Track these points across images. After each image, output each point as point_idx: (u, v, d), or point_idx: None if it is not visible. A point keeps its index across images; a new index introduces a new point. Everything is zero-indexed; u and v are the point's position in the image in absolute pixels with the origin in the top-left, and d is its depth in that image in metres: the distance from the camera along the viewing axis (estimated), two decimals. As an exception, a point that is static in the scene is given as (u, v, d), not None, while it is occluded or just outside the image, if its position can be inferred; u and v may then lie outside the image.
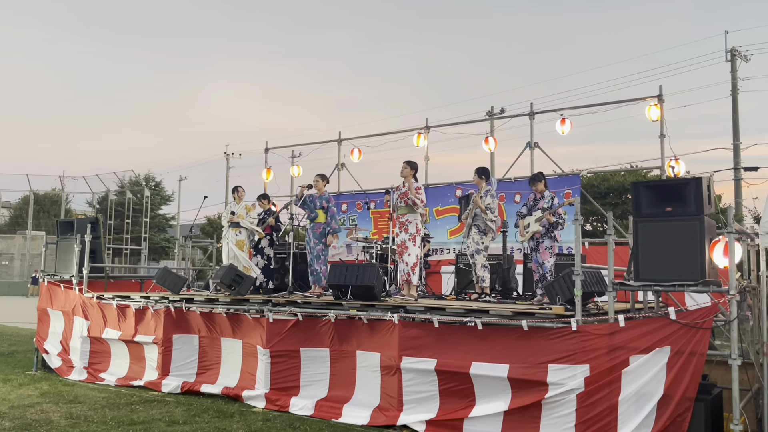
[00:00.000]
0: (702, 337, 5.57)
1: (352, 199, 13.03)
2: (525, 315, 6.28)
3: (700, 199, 5.67)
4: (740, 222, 17.92)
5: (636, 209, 5.99)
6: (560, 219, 7.86)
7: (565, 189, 10.49)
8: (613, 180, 26.70)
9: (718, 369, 6.68)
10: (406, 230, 8.13)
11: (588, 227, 26.65)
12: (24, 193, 40.02)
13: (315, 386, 7.53)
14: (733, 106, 21.17)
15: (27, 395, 8.28)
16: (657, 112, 9.77)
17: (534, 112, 11.10)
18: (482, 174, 8.39)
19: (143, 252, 15.21)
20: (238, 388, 8.05)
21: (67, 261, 10.62)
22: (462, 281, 9.22)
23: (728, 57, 21.46)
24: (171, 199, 43.86)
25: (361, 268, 7.72)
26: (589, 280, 6.40)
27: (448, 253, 11.47)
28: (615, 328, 5.80)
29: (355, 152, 13.08)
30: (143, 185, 36.21)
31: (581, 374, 5.80)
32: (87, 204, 40.34)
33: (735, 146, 20.85)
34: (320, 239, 8.96)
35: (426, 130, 12.19)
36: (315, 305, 7.89)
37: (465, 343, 6.49)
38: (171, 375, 8.71)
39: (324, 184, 9.17)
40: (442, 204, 11.79)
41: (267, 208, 10.29)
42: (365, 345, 7.20)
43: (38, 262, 31.31)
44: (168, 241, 41.23)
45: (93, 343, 9.74)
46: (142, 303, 9.30)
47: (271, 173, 14.33)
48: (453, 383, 6.50)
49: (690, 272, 5.58)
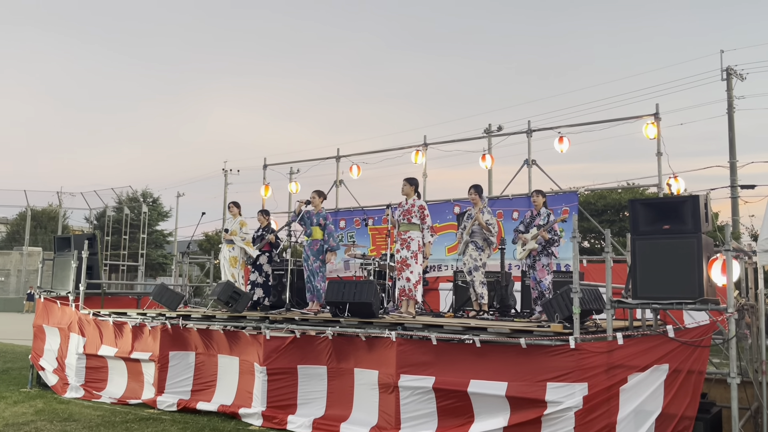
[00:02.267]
0: (700, 355, 5.56)
1: (351, 215, 13.04)
2: (523, 333, 6.27)
3: (697, 217, 5.68)
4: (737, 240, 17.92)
5: (634, 227, 6.00)
6: (555, 236, 7.89)
7: (562, 206, 10.50)
8: (610, 197, 26.78)
9: (717, 387, 6.66)
10: (408, 247, 8.12)
11: (586, 244, 26.70)
12: (21, 209, 39.97)
13: (312, 404, 7.48)
14: (729, 125, 21.30)
15: (22, 413, 8.21)
16: (654, 130, 9.81)
17: (531, 130, 11.14)
18: (478, 191, 8.43)
19: (140, 268, 15.21)
20: (234, 406, 7.99)
21: (64, 277, 10.59)
22: (460, 298, 9.21)
23: (724, 76, 21.65)
24: (169, 215, 43.91)
25: (359, 284, 7.70)
26: (587, 297, 6.40)
27: (446, 270, 11.45)
28: (613, 346, 5.78)
29: (353, 169, 13.11)
30: (141, 201, 36.20)
31: (579, 392, 5.77)
32: (84, 220, 40.33)
33: (731, 164, 20.95)
34: (317, 256, 8.95)
35: (424, 147, 12.23)
36: (312, 322, 7.87)
37: (463, 361, 6.46)
38: (167, 392, 8.64)
39: (321, 201, 9.18)
40: (440, 221, 11.79)
41: (266, 225, 10.30)
42: (363, 363, 7.17)
43: (35, 278, 31.19)
44: (165, 257, 41.15)
45: (89, 360, 9.67)
46: (139, 320, 9.26)
47: (269, 190, 14.33)
48: (451, 401, 6.46)
49: (688, 290, 5.58)
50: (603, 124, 10.72)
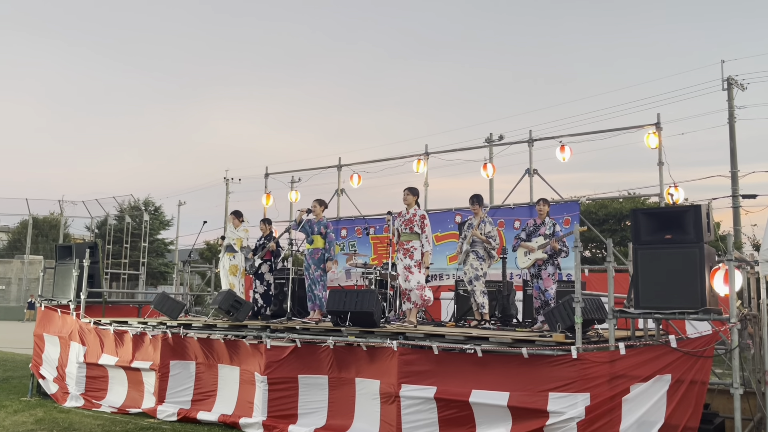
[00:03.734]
0: (703, 366, 5.54)
1: (352, 224, 13.04)
2: (525, 342, 6.25)
3: (699, 227, 5.68)
4: (739, 249, 17.91)
5: (635, 236, 5.99)
6: (564, 247, 7.88)
7: (564, 216, 10.50)
8: (611, 207, 26.80)
9: (719, 398, 6.63)
10: (411, 257, 8.11)
11: (587, 254, 26.68)
12: (23, 218, 40.01)
13: (313, 414, 7.45)
14: (730, 134, 21.31)
15: (22, 422, 8.18)
16: (655, 139, 9.82)
17: (533, 139, 11.15)
18: (479, 201, 8.43)
19: (141, 277, 15.19)
20: (235, 416, 7.96)
21: (65, 286, 10.58)
22: (461, 308, 9.19)
23: (725, 86, 21.66)
24: (170, 224, 43.89)
25: (360, 294, 7.69)
26: (589, 307, 6.38)
27: (448, 279, 11.43)
28: (615, 356, 5.76)
29: (354, 178, 13.12)
30: (142, 210, 36.21)
31: (582, 402, 5.75)
32: (86, 228, 40.31)
33: (733, 174, 20.94)
34: (318, 264, 8.94)
35: (425, 157, 12.25)
36: (314, 331, 7.85)
37: (465, 371, 6.44)
38: (167, 402, 8.61)
39: (322, 210, 9.19)
40: (442, 230, 11.79)
41: (267, 233, 10.29)
42: (364, 372, 7.14)
43: (36, 286, 31.19)
44: (166, 266, 41.12)
45: (89, 369, 9.66)
46: (140, 328, 9.24)
47: (270, 198, 14.36)
48: (452, 411, 6.43)
49: (690, 300, 5.57)
50: (605, 133, 10.73)
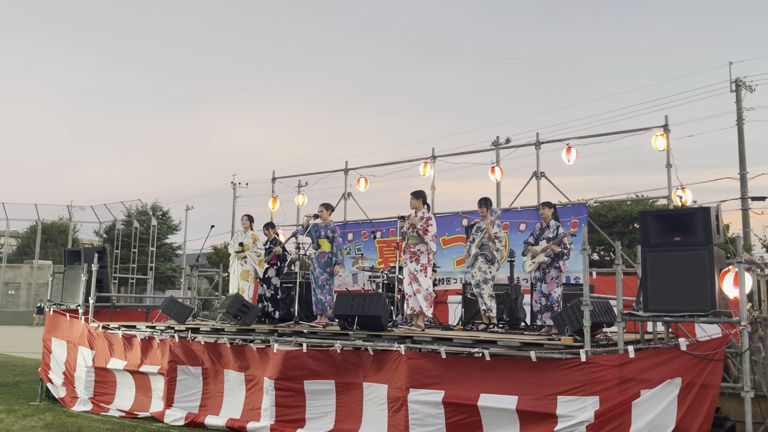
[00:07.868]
0: (714, 369, 5.48)
1: (359, 228, 13.05)
2: (533, 346, 6.22)
3: (708, 229, 5.64)
4: (749, 252, 17.81)
5: (644, 239, 5.96)
6: (565, 249, 7.85)
7: (572, 218, 10.47)
8: (620, 209, 26.71)
9: (730, 402, 6.58)
10: (417, 261, 8.09)
11: (595, 257, 26.58)
12: (32, 223, 40.28)
13: (321, 419, 7.42)
14: (738, 136, 21.18)
15: (31, 426, 8.21)
16: (663, 141, 9.79)
17: (540, 142, 11.14)
18: (488, 205, 8.42)
19: (149, 281, 15.25)
20: (242, 421, 7.94)
21: (74, 290, 10.62)
22: (469, 311, 9.16)
23: (733, 87, 21.54)
24: (178, 229, 44.04)
25: (368, 297, 7.68)
26: (598, 310, 6.34)
27: (455, 283, 11.41)
28: (625, 359, 5.72)
29: (361, 181, 13.14)
30: (150, 214, 36.42)
31: (591, 406, 5.70)
32: (94, 233, 40.57)
33: (742, 176, 20.81)
34: (325, 268, 8.94)
35: (432, 160, 12.25)
36: (321, 335, 7.84)
37: (473, 375, 6.41)
38: (175, 406, 8.62)
39: (329, 214, 9.19)
40: (449, 233, 11.78)
41: (273, 238, 10.29)
42: (372, 377, 7.12)
43: (44, 291, 31.34)
44: (174, 270, 41.27)
45: (98, 373, 9.68)
46: (148, 333, 9.26)
47: (277, 202, 14.39)
48: (461, 416, 6.40)
49: (700, 303, 5.52)
50: (612, 135, 10.71)
